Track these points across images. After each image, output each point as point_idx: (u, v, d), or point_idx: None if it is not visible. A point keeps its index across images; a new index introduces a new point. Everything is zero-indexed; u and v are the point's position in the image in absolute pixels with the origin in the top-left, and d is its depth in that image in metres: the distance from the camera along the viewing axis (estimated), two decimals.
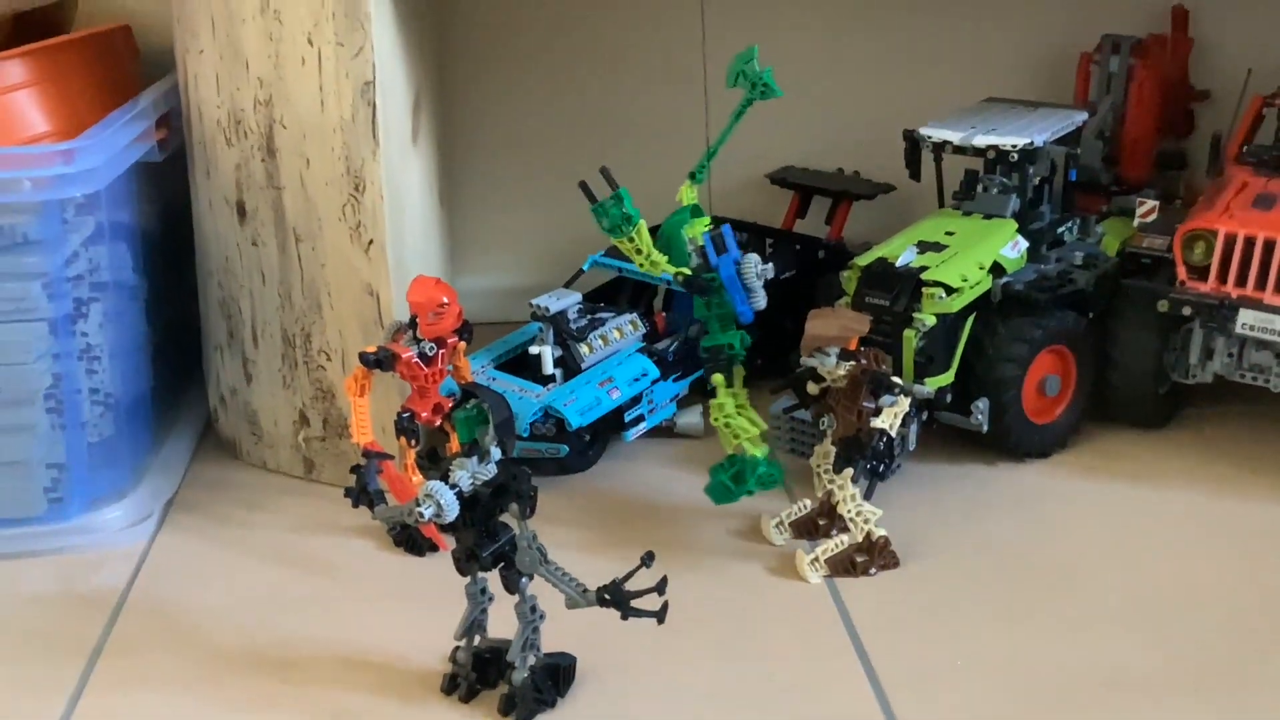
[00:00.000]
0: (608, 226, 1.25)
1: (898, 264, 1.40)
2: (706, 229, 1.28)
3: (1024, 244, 1.47)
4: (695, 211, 1.28)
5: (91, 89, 1.45)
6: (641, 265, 1.27)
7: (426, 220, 1.53)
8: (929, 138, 1.50)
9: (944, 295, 1.37)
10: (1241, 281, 1.40)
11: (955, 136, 1.48)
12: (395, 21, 1.35)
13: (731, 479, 1.29)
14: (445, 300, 1.25)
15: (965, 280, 1.39)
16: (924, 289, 1.37)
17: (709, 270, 1.27)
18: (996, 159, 1.47)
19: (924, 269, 1.38)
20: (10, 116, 1.37)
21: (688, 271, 1.28)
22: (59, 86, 1.42)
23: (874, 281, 1.39)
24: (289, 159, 1.33)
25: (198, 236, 1.46)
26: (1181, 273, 1.43)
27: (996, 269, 1.43)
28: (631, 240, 1.25)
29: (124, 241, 1.39)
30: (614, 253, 1.58)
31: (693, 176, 1.28)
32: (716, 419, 1.30)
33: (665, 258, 1.27)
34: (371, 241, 1.33)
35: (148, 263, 1.45)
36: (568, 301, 1.47)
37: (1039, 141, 1.46)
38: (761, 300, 1.28)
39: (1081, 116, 1.55)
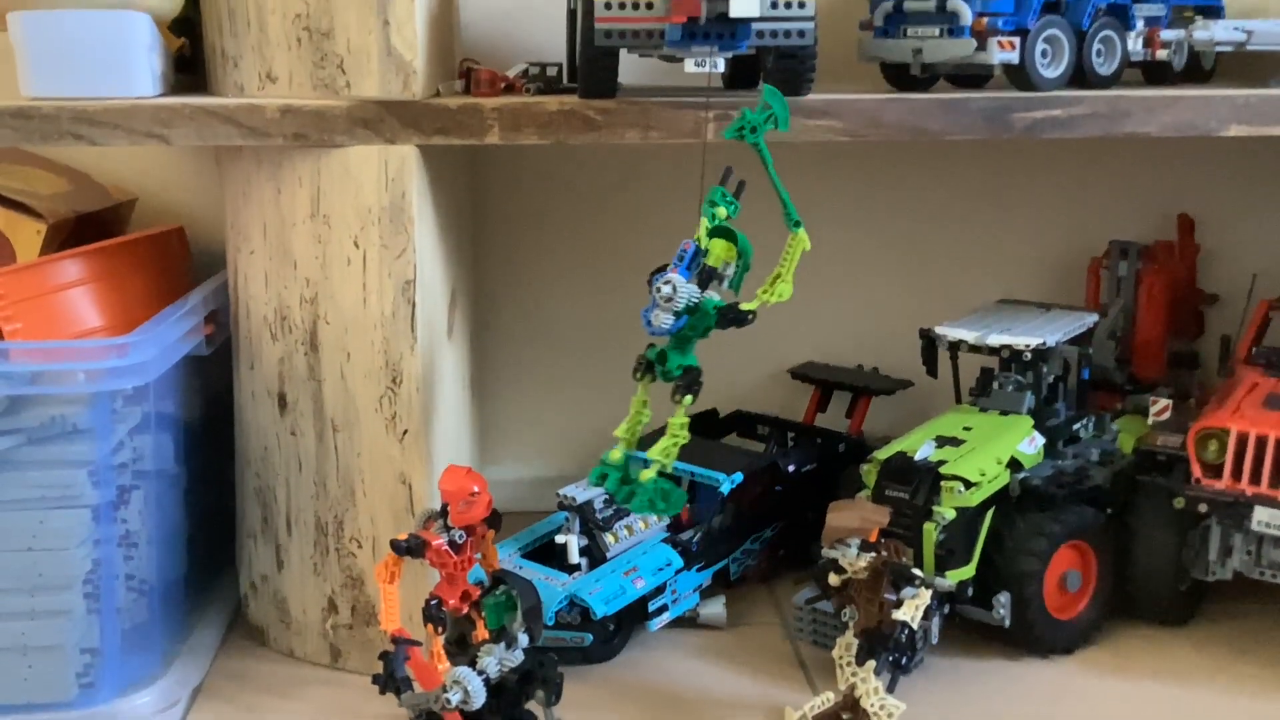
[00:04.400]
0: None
1: (916, 458, 1.43)
2: (697, 241, 1.25)
3: (1041, 440, 1.50)
4: (723, 234, 1.25)
5: (144, 286, 1.52)
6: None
7: (458, 411, 1.58)
8: (945, 337, 1.55)
9: (963, 489, 1.39)
10: (1255, 479, 1.42)
11: (970, 336, 1.54)
12: (435, 224, 1.43)
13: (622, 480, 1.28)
14: (476, 489, 1.28)
15: (983, 475, 1.41)
16: (943, 483, 1.40)
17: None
18: (1011, 358, 1.52)
19: (942, 463, 1.42)
20: (67, 312, 1.44)
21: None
22: (114, 284, 1.49)
23: (894, 475, 1.43)
24: (330, 353, 1.39)
25: (238, 426, 1.51)
26: (1196, 470, 1.45)
27: (1014, 464, 1.46)
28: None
29: (168, 431, 1.44)
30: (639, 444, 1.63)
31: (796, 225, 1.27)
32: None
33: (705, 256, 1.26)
34: (406, 431, 1.38)
35: (188, 452, 1.50)
36: (594, 491, 1.50)
37: (1051, 341, 1.51)
38: (656, 320, 1.24)
39: (1092, 318, 1.60)
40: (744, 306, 1.25)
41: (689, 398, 1.27)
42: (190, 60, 1.51)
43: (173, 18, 1.41)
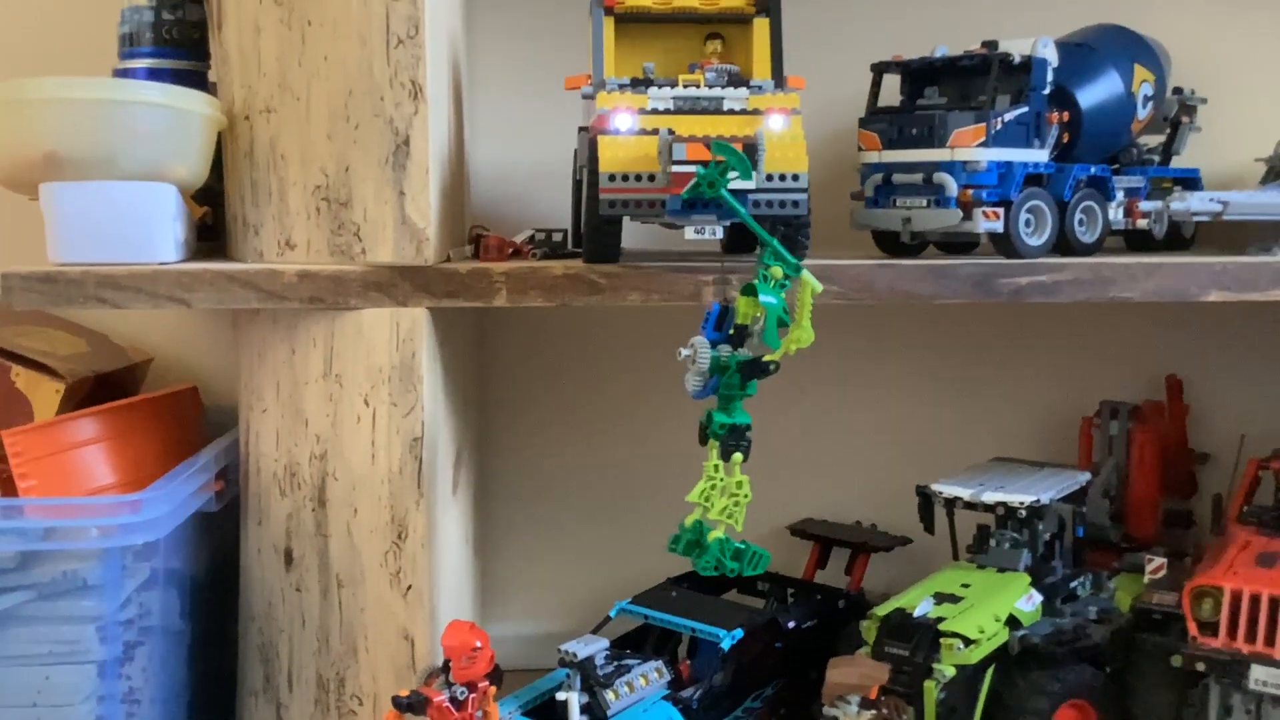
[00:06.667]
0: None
1: (916, 614, 1.44)
2: (720, 302, 1.28)
3: (1039, 598, 1.51)
4: (750, 292, 1.26)
5: (157, 444, 1.56)
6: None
7: (461, 567, 1.60)
8: (941, 494, 1.58)
9: (962, 646, 1.40)
10: (1251, 638, 1.43)
11: (965, 493, 1.56)
12: (443, 383, 1.47)
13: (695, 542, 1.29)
14: (478, 644, 1.29)
15: (982, 632, 1.42)
16: (942, 640, 1.41)
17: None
18: (1006, 515, 1.54)
19: (941, 620, 1.43)
20: (81, 469, 1.47)
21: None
22: (127, 442, 1.52)
23: (893, 631, 1.43)
24: (338, 509, 1.41)
25: (243, 582, 1.53)
26: (1193, 628, 1.46)
27: (1013, 622, 1.47)
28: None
29: (175, 587, 1.45)
30: (640, 600, 1.64)
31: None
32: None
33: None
34: (410, 587, 1.40)
35: (193, 608, 1.51)
36: (595, 647, 1.50)
37: (1045, 499, 1.54)
38: (688, 385, 1.27)
39: (1085, 476, 1.63)
40: (766, 358, 1.26)
41: (738, 455, 1.28)
42: (212, 227, 1.58)
43: (197, 188, 1.48)
